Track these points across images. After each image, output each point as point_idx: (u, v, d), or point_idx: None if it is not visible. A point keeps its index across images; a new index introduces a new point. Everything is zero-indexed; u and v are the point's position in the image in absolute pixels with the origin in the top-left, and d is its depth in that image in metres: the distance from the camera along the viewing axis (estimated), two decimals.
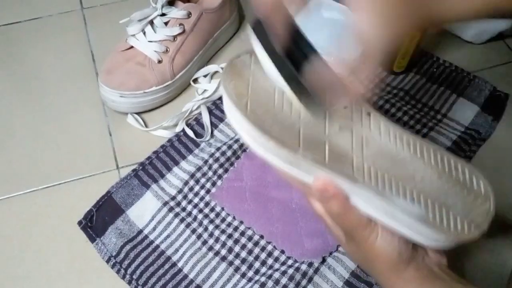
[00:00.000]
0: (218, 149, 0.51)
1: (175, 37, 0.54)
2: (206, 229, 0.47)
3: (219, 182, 0.49)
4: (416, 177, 0.32)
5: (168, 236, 0.46)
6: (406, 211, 0.31)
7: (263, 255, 0.46)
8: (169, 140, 0.53)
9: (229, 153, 0.51)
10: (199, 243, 0.46)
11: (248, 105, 0.30)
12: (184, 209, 0.48)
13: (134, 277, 0.44)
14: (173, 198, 0.49)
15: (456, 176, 0.32)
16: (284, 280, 0.43)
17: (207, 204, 0.48)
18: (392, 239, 0.33)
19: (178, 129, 0.53)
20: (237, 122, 0.31)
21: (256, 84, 0.32)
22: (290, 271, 0.44)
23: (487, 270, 0.46)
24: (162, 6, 0.53)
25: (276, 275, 0.43)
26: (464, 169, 0.33)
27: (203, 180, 0.50)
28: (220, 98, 0.56)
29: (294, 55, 0.31)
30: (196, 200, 0.49)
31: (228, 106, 0.32)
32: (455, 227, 0.31)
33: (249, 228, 0.47)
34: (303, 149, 0.30)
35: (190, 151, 0.52)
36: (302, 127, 0.31)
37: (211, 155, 0.51)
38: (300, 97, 0.31)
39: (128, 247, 0.46)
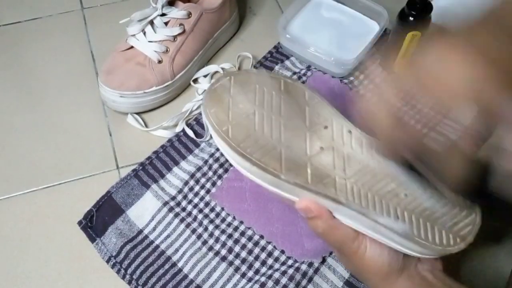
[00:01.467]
0: (218, 149, 0.51)
1: (175, 37, 0.54)
2: (206, 229, 0.47)
3: (219, 182, 0.49)
4: (399, 193, 0.32)
5: (168, 236, 0.46)
6: (390, 228, 0.31)
7: (263, 255, 0.46)
8: (169, 140, 0.53)
9: None
10: (199, 243, 0.46)
11: (230, 132, 0.31)
12: (184, 209, 0.48)
13: (134, 277, 0.44)
14: (173, 198, 0.49)
15: (440, 188, 0.32)
16: (284, 280, 0.43)
17: (207, 204, 0.48)
18: (382, 250, 0.33)
19: (178, 129, 0.53)
20: (221, 147, 0.33)
21: (236, 109, 0.32)
22: (290, 271, 0.44)
23: (483, 274, 0.46)
24: (162, 6, 0.53)
25: (276, 275, 0.43)
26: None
27: (203, 180, 0.50)
28: None
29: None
30: (196, 200, 0.49)
31: (211, 132, 0.33)
32: (440, 242, 0.31)
33: (249, 228, 0.47)
34: (285, 173, 0.31)
35: (190, 151, 0.52)
36: (283, 150, 0.32)
37: (211, 155, 0.51)
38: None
39: (128, 247, 0.46)
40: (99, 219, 0.47)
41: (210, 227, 0.47)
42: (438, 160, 0.30)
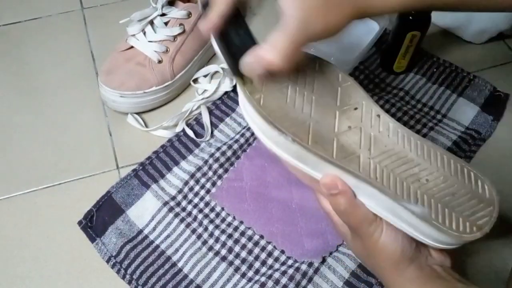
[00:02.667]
0: (218, 149, 0.51)
1: (175, 37, 0.54)
2: (206, 229, 0.47)
3: (219, 182, 0.49)
4: (421, 178, 0.32)
5: (168, 236, 0.46)
6: (409, 211, 0.31)
7: (263, 255, 0.46)
8: (169, 140, 0.53)
9: (229, 153, 0.51)
10: (199, 243, 0.46)
11: (261, 101, 0.32)
12: (184, 209, 0.48)
13: (134, 277, 0.44)
14: (173, 198, 0.49)
15: (461, 179, 0.33)
16: (284, 280, 0.43)
17: (207, 204, 0.48)
18: (396, 236, 0.33)
19: (178, 129, 0.53)
20: (250, 116, 0.33)
21: (269, 81, 0.33)
22: (290, 271, 0.44)
23: (487, 270, 0.46)
24: (162, 6, 0.53)
25: (276, 275, 0.43)
26: (470, 173, 0.33)
27: (203, 180, 0.50)
28: (220, 98, 0.56)
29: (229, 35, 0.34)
30: (196, 200, 0.49)
31: (242, 101, 0.33)
32: (457, 228, 0.31)
33: (249, 228, 0.47)
34: (312, 145, 0.31)
35: (190, 151, 0.52)
36: (312, 124, 0.32)
37: (211, 155, 0.51)
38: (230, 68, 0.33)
39: (128, 247, 0.46)
40: (99, 219, 0.47)
41: (210, 227, 0.47)
42: None
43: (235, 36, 0.35)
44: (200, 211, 0.48)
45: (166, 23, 0.54)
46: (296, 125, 0.32)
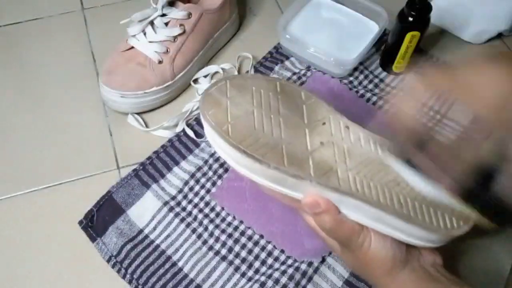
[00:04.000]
0: None
1: (175, 37, 0.54)
2: (206, 228, 0.47)
3: (219, 182, 0.50)
4: (401, 182, 0.33)
5: (168, 235, 0.47)
6: (395, 215, 0.31)
7: (263, 255, 0.46)
8: (170, 140, 0.53)
9: None
10: (199, 242, 0.46)
11: (230, 131, 0.31)
12: (184, 209, 0.48)
13: (135, 276, 0.44)
14: (174, 198, 0.49)
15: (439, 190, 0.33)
16: (284, 280, 0.43)
17: (207, 203, 0.48)
18: (385, 243, 0.33)
19: (178, 129, 0.54)
20: (221, 148, 0.33)
21: (234, 110, 0.33)
22: (290, 270, 0.44)
23: (483, 271, 0.46)
24: (163, 7, 0.53)
25: (276, 274, 0.43)
26: None
27: (203, 180, 0.50)
28: None
29: None
30: (196, 199, 0.49)
31: (210, 134, 0.33)
32: (444, 225, 0.32)
33: (249, 227, 0.47)
34: (288, 167, 0.31)
35: (191, 151, 0.52)
36: (285, 146, 0.32)
37: (211, 155, 0.51)
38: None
39: (128, 246, 0.46)
40: (99, 219, 0.47)
41: (210, 227, 0.47)
42: (446, 153, 0.31)
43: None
44: (200, 210, 0.48)
45: (166, 24, 0.54)
46: (269, 150, 0.31)
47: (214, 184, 0.49)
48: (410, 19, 0.52)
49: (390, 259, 0.33)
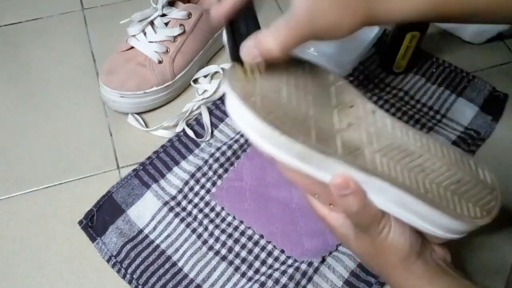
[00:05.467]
0: (218, 149, 0.51)
1: (175, 37, 0.54)
2: (206, 228, 0.47)
3: (219, 182, 0.50)
4: (426, 168, 0.32)
5: (168, 235, 0.47)
6: (419, 199, 0.31)
7: (263, 255, 0.46)
8: (170, 140, 0.53)
9: (229, 153, 0.51)
10: (199, 242, 0.46)
11: (258, 103, 0.31)
12: (184, 209, 0.48)
13: (135, 276, 0.44)
14: (174, 198, 0.49)
15: (463, 167, 0.33)
16: (284, 280, 0.43)
17: (207, 203, 0.48)
18: (404, 231, 0.33)
19: (178, 129, 0.54)
20: (246, 121, 0.31)
21: (263, 83, 0.32)
22: (290, 270, 0.44)
23: (487, 266, 0.46)
24: (163, 7, 0.53)
25: (276, 274, 0.43)
26: (469, 162, 0.34)
27: (203, 180, 0.50)
28: (220, 99, 0.56)
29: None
30: (196, 200, 0.49)
31: (235, 105, 0.31)
32: (468, 213, 0.32)
33: (249, 227, 0.47)
34: (316, 142, 0.30)
35: (191, 151, 0.52)
36: (313, 122, 0.32)
37: (211, 155, 0.51)
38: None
39: (128, 246, 0.46)
40: (99, 219, 0.47)
41: (210, 227, 0.47)
42: None
43: (243, 25, 0.35)
44: (200, 210, 0.48)
45: (166, 24, 0.54)
46: (297, 125, 0.31)
47: (214, 184, 0.49)
48: None
49: (407, 248, 0.33)
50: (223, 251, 0.46)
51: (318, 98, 0.33)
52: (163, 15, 0.54)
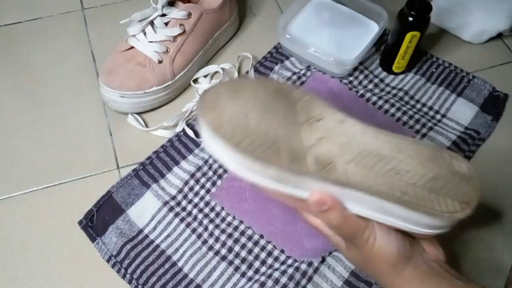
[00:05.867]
0: None
1: (175, 37, 0.54)
2: (206, 228, 0.47)
3: (219, 182, 0.50)
4: (400, 170, 0.33)
5: (168, 235, 0.47)
6: (398, 203, 0.32)
7: (263, 255, 0.46)
8: (170, 140, 0.53)
9: None
10: (199, 242, 0.46)
11: (228, 132, 0.32)
12: (184, 209, 0.48)
13: (135, 276, 0.44)
14: (173, 197, 0.49)
15: (437, 162, 0.34)
16: (283, 280, 0.43)
17: (207, 203, 0.48)
18: (390, 238, 0.33)
19: (178, 129, 0.54)
20: (219, 151, 0.33)
21: (229, 112, 0.33)
22: (290, 270, 0.44)
23: (484, 266, 0.46)
24: (163, 7, 0.53)
25: (276, 274, 0.43)
26: (443, 155, 0.34)
27: (203, 180, 0.50)
28: None
29: None
30: (196, 199, 0.49)
31: (208, 137, 0.33)
32: (447, 209, 0.32)
33: (249, 227, 0.47)
34: (287, 164, 0.31)
35: (190, 151, 0.52)
36: (283, 144, 0.32)
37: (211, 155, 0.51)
38: None
39: (128, 246, 0.46)
40: (99, 219, 0.47)
41: (210, 227, 0.47)
42: None
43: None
44: (200, 210, 0.48)
45: (166, 24, 0.54)
46: (268, 149, 0.32)
47: (214, 184, 0.49)
48: (410, 19, 0.52)
49: (395, 255, 0.33)
50: (223, 251, 0.46)
51: (286, 117, 0.34)
52: (163, 15, 0.54)
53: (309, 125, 0.34)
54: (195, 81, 0.58)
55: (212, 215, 0.48)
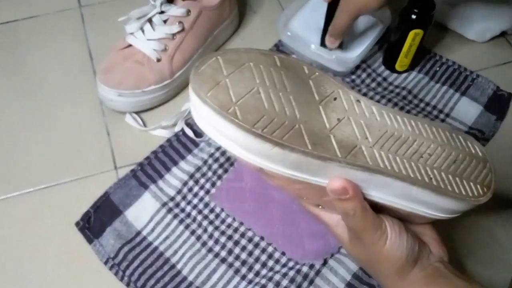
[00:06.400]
0: (217, 149, 0.51)
1: (174, 35, 0.54)
2: (205, 230, 0.46)
3: (218, 183, 0.49)
4: (423, 154, 0.31)
5: (167, 237, 0.46)
6: (426, 189, 0.30)
7: (263, 257, 0.45)
8: (168, 140, 0.52)
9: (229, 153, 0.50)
10: (198, 244, 0.45)
11: (238, 113, 0.27)
12: (183, 210, 0.47)
13: (132, 279, 0.44)
14: (172, 199, 0.48)
15: (455, 145, 0.33)
16: (285, 283, 0.42)
17: (206, 205, 0.48)
18: (401, 242, 0.32)
19: (177, 128, 0.53)
20: (226, 136, 0.28)
21: (237, 88, 0.28)
22: (291, 273, 0.43)
23: (490, 266, 0.46)
24: (161, 4, 0.53)
25: (277, 277, 0.43)
26: (458, 137, 0.33)
27: (202, 181, 0.49)
28: None
29: None
30: (195, 201, 0.48)
31: (211, 119, 0.27)
32: (472, 193, 0.31)
33: (249, 229, 0.46)
34: (313, 148, 0.28)
35: (189, 151, 0.51)
36: (303, 126, 0.29)
37: (211, 155, 0.50)
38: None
39: (126, 248, 0.45)
40: (96, 220, 0.47)
41: (210, 228, 0.46)
42: None
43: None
44: (200, 212, 0.47)
45: (165, 21, 0.53)
46: (288, 131, 0.28)
47: (213, 184, 0.49)
48: (413, 17, 0.52)
49: (403, 260, 0.32)
50: (223, 253, 0.45)
51: (300, 96, 0.30)
52: (162, 12, 0.53)
53: (326, 105, 0.30)
54: None
55: (211, 216, 0.47)
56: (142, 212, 0.47)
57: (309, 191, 0.32)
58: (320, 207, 0.35)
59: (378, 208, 0.32)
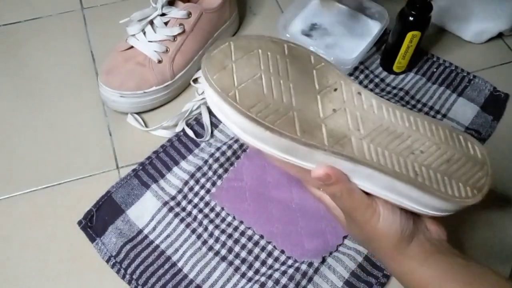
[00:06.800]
0: (218, 149, 0.51)
1: (175, 37, 0.54)
2: (206, 229, 0.47)
3: (219, 182, 0.49)
4: (415, 150, 0.32)
5: (168, 236, 0.46)
6: (409, 184, 0.31)
7: (263, 255, 0.46)
8: (169, 140, 0.53)
9: (229, 153, 0.51)
10: (199, 243, 0.46)
11: (237, 97, 0.29)
12: (184, 209, 0.48)
13: (134, 277, 0.44)
14: (173, 198, 0.49)
15: (453, 144, 0.33)
16: (284, 280, 0.43)
17: (207, 204, 0.48)
18: (394, 218, 0.33)
19: (178, 129, 0.53)
20: (227, 116, 0.30)
21: (241, 74, 0.30)
22: (290, 271, 0.43)
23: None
24: (162, 6, 0.53)
25: (276, 275, 0.43)
26: (459, 137, 0.33)
27: (203, 180, 0.49)
28: None
29: None
30: (196, 200, 0.49)
31: (214, 101, 0.30)
32: (459, 194, 0.31)
33: (249, 228, 0.47)
34: (301, 135, 0.30)
35: (190, 151, 0.52)
36: (296, 113, 0.30)
37: (211, 155, 0.51)
38: None
39: (128, 247, 0.46)
40: (99, 219, 0.47)
41: (210, 227, 0.47)
42: None
43: None
44: (200, 211, 0.48)
45: (166, 23, 0.54)
46: (280, 117, 0.30)
47: (214, 184, 0.49)
48: (411, 18, 0.52)
49: (398, 235, 0.33)
50: (223, 252, 0.45)
51: (300, 84, 0.32)
52: (163, 14, 0.54)
53: (324, 95, 0.32)
54: (195, 81, 0.58)
55: (212, 215, 0.48)
56: (143, 211, 0.48)
57: (305, 174, 0.32)
58: (321, 189, 0.36)
59: None
